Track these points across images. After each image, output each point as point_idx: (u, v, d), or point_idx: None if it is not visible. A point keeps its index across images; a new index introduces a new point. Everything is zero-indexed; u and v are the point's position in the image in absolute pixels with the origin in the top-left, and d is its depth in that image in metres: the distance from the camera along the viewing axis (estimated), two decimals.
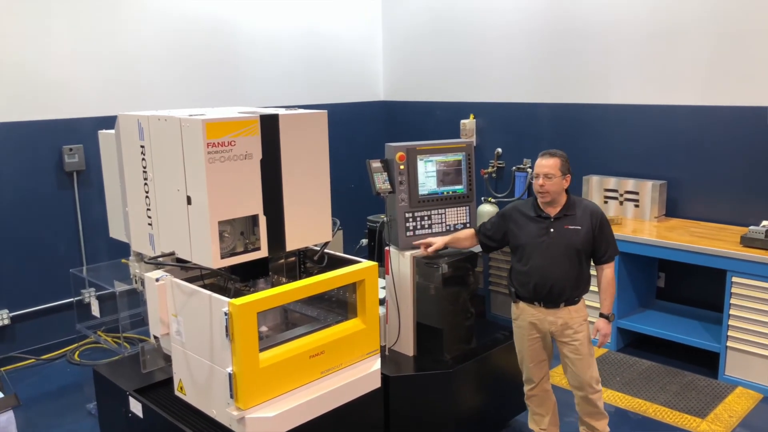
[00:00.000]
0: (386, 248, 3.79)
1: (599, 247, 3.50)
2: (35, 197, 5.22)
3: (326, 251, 3.29)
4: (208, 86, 6.11)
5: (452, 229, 3.86)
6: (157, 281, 2.96)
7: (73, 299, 5.33)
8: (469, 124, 6.72)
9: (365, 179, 3.74)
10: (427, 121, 7.18)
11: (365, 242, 5.87)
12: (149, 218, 3.13)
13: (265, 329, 3.15)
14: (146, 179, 3.08)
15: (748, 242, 4.61)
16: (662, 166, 5.53)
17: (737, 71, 5.07)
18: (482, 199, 6.19)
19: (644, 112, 5.59)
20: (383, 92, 7.68)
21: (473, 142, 6.42)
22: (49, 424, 4.37)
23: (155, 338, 3.14)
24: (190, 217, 2.83)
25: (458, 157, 3.90)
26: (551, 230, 3.46)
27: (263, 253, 2.93)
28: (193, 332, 2.87)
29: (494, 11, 6.43)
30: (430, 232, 3.80)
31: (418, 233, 3.77)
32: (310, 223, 3.08)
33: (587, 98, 5.93)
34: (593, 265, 3.57)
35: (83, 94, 5.36)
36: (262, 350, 2.73)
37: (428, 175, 3.81)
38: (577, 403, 3.65)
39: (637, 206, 5.52)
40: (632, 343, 5.45)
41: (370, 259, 3.71)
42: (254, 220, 2.89)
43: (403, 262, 3.70)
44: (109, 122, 3.48)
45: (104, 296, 5.00)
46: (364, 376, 3.09)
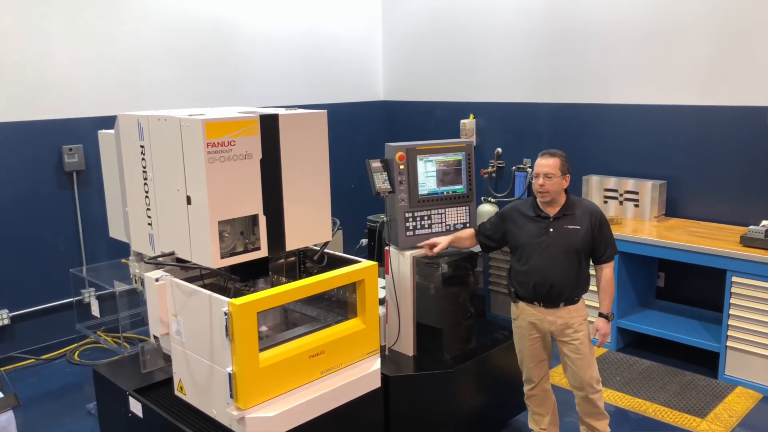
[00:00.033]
0: (386, 248, 3.79)
1: (598, 246, 3.50)
2: (35, 197, 5.22)
3: (326, 251, 3.29)
4: (208, 86, 6.11)
5: (452, 228, 3.86)
6: (156, 281, 2.96)
7: (73, 299, 5.33)
8: (469, 123, 6.72)
9: (365, 179, 3.74)
10: (427, 121, 7.18)
11: (365, 242, 5.88)
12: (149, 218, 3.13)
13: (265, 329, 3.14)
14: (146, 179, 3.08)
15: (747, 242, 4.61)
16: (662, 165, 5.53)
17: (737, 71, 5.07)
18: (482, 198, 6.19)
19: (644, 112, 5.59)
20: (383, 92, 7.68)
21: (473, 141, 6.42)
22: (49, 424, 4.37)
23: (155, 338, 3.14)
24: (190, 216, 2.83)
25: (458, 156, 3.90)
26: (551, 230, 3.46)
27: (263, 253, 2.93)
28: (193, 332, 2.87)
29: (494, 11, 6.43)
30: (429, 232, 3.80)
31: (417, 233, 3.77)
32: (309, 223, 3.08)
33: (587, 98, 5.93)
34: (592, 264, 3.58)
35: (83, 94, 5.36)
36: (262, 350, 2.73)
37: (428, 174, 3.81)
38: (577, 403, 3.65)
39: (636, 206, 5.52)
40: (632, 342, 5.45)
41: (370, 258, 3.70)
42: (254, 219, 2.89)
43: (403, 261, 3.70)
44: (108, 122, 3.48)
45: (104, 296, 5.00)
46: (364, 375, 3.09)
